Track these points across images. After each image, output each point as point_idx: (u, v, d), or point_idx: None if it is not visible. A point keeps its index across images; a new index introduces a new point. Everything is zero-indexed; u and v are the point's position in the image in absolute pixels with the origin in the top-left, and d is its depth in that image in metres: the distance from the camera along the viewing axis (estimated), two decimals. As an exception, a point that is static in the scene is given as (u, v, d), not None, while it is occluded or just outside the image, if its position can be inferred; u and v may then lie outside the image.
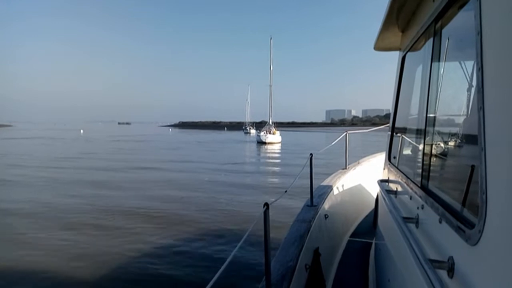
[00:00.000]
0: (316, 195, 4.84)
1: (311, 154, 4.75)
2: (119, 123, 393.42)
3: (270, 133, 54.97)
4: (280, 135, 57.50)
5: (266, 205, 2.21)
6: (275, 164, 27.86)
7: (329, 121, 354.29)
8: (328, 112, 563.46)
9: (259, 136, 54.44)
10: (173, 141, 60.53)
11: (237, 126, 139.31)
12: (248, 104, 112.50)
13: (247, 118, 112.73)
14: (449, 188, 1.83)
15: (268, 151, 42.20)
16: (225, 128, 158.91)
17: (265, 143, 51.55)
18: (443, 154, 2.12)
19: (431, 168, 2.05)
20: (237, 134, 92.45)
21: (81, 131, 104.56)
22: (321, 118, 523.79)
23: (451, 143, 2.05)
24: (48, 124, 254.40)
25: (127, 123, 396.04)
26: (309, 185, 4.55)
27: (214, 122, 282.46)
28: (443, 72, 2.02)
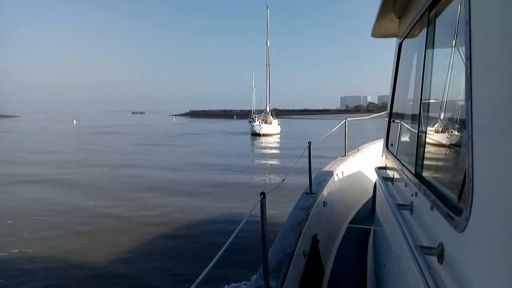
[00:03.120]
0: (315, 183, 4.79)
1: (310, 142, 4.64)
2: (133, 113, 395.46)
3: (266, 122, 45.31)
4: (279, 124, 47.69)
5: (263, 194, 2.22)
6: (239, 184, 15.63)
7: (343, 108, 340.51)
8: (343, 99, 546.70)
9: (252, 126, 44.61)
10: (158, 133, 51.17)
11: (248, 115, 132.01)
12: (253, 91, 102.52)
13: (254, 106, 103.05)
14: (441, 175, 1.89)
15: (258, 147, 33.07)
16: (235, 117, 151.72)
17: (259, 134, 42.20)
18: (437, 142, 2.07)
19: (425, 155, 2.05)
20: (242, 123, 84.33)
21: (74, 121, 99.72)
22: (335, 105, 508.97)
23: (445, 131, 1.99)
24: (59, 115, 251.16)
25: (141, 113, 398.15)
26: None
27: (224, 111, 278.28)
28: (436, 60, 2.03)
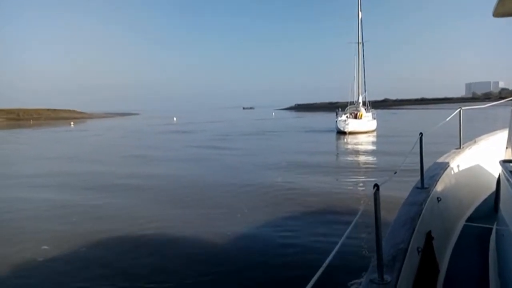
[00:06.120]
0: (427, 177, 4.49)
1: (421, 134, 4.29)
2: (243, 108, 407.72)
3: (356, 117, 35.76)
4: (375, 118, 37.10)
5: (376, 186, 2.19)
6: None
7: (469, 96, 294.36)
8: (468, 85, 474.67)
9: (336, 122, 35.05)
10: (234, 132, 46.15)
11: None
12: (355, 79, 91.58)
13: (355, 97, 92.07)
14: None
15: (328, 157, 24.89)
16: (339, 109, 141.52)
17: (345, 133, 32.89)
18: None
19: None
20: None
21: (174, 118, 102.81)
22: (460, 92, 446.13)
23: None
24: (173, 113, 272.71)
25: (251, 108, 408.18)
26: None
27: (330, 103, 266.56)
28: None
